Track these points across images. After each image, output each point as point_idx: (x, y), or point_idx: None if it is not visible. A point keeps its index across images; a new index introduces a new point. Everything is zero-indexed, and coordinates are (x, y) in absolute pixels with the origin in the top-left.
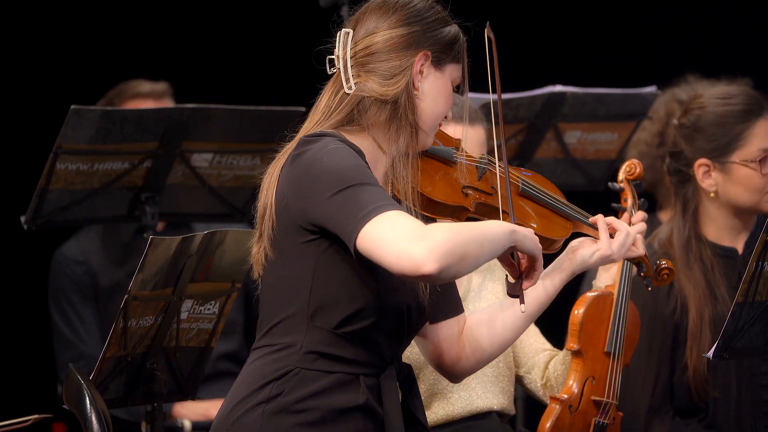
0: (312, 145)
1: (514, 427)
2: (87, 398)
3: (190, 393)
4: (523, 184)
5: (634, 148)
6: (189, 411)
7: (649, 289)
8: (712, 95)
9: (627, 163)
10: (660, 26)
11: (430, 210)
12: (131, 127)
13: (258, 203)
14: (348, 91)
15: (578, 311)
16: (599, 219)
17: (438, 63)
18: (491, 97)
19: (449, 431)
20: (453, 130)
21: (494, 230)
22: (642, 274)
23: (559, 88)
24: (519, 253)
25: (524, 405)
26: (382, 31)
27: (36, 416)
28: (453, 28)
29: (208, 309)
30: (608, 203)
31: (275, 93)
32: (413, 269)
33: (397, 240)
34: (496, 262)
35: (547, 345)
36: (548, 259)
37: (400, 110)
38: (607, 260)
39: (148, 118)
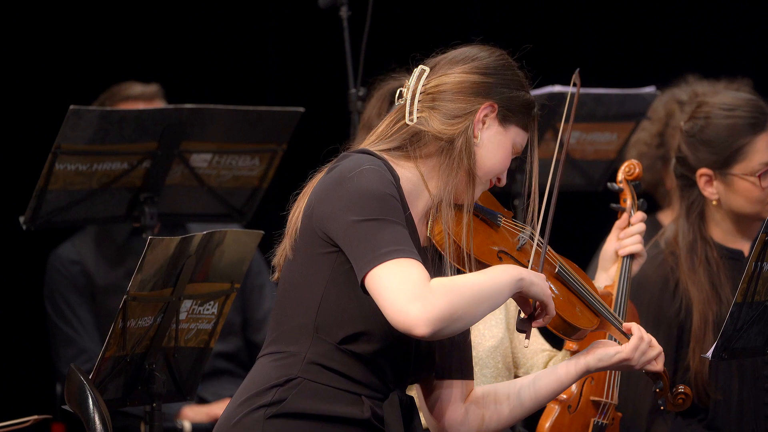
0: (348, 159)
1: (513, 428)
2: (89, 398)
3: (189, 393)
4: (560, 266)
5: (633, 148)
6: (196, 414)
7: (662, 408)
8: (718, 105)
9: (626, 164)
10: (659, 26)
11: (460, 262)
12: (130, 127)
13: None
14: (408, 122)
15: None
16: (633, 326)
17: (503, 119)
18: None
19: None
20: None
21: (499, 280)
22: (658, 390)
23: (557, 88)
24: None
25: None
26: (455, 73)
27: (35, 417)
28: (528, 95)
29: (207, 309)
30: (607, 203)
31: (274, 93)
32: (406, 328)
33: (398, 294)
34: None
35: (546, 345)
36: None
37: (455, 152)
38: (624, 366)
39: (147, 118)
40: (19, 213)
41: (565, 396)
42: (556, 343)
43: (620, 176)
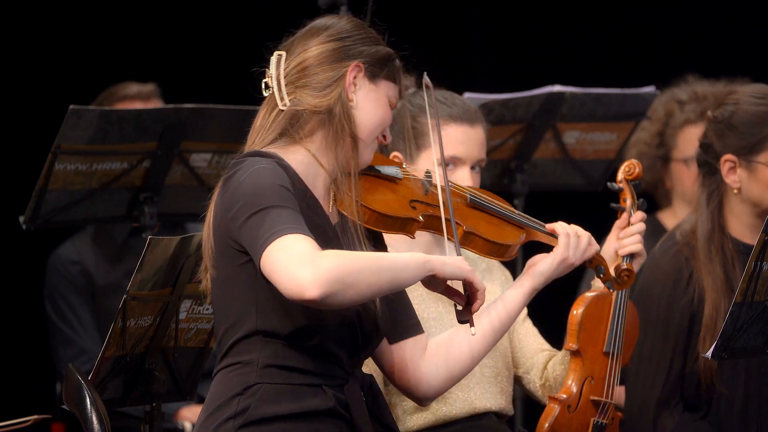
0: (239, 167)
1: (512, 428)
2: (87, 398)
3: (188, 393)
4: (471, 195)
5: (633, 148)
6: (194, 414)
7: (611, 291)
8: (748, 92)
9: (626, 163)
10: (659, 26)
11: (379, 225)
12: (130, 127)
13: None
14: (282, 108)
15: (577, 311)
16: (556, 226)
17: (372, 76)
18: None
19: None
20: (454, 130)
21: (402, 261)
22: (602, 276)
23: (557, 88)
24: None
25: (523, 405)
26: (313, 47)
27: (35, 417)
28: (386, 48)
29: (207, 309)
30: (607, 203)
31: None
32: (298, 293)
33: (287, 263)
34: (494, 262)
35: (546, 345)
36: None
37: (335, 120)
38: (564, 265)
39: (147, 118)
40: (19, 213)
41: (565, 396)
42: (555, 343)
43: (620, 176)
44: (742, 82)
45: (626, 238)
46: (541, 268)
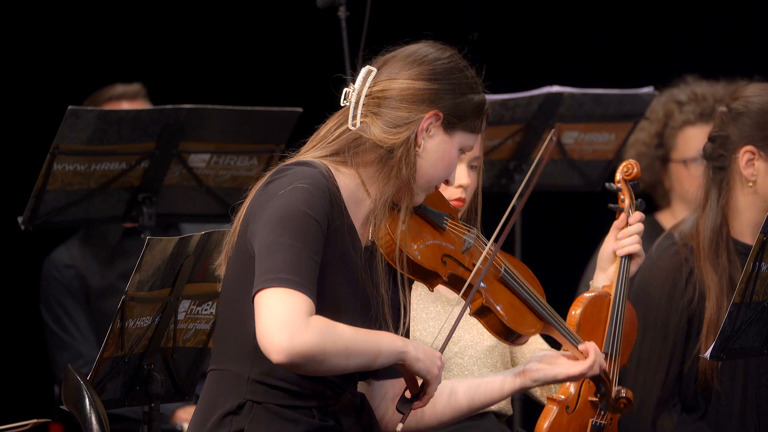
0: (284, 174)
1: (511, 428)
2: (86, 398)
3: (187, 393)
4: (505, 270)
5: (632, 148)
6: (190, 416)
7: (602, 413)
8: (766, 86)
9: (624, 164)
10: (658, 26)
11: (405, 268)
12: (128, 127)
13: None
14: (351, 127)
15: (575, 312)
16: (591, 348)
17: (449, 126)
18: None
19: (446, 431)
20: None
21: (380, 344)
22: (599, 395)
23: (556, 88)
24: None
25: (521, 405)
26: (401, 79)
27: (35, 420)
28: (478, 97)
29: (206, 309)
30: (605, 204)
31: (272, 93)
32: (266, 351)
33: (273, 318)
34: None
35: (545, 346)
36: None
37: (394, 161)
38: (562, 380)
39: (145, 118)
40: (17, 213)
41: (563, 396)
42: (554, 344)
43: (618, 176)
44: (742, 82)
45: (624, 238)
46: (539, 377)
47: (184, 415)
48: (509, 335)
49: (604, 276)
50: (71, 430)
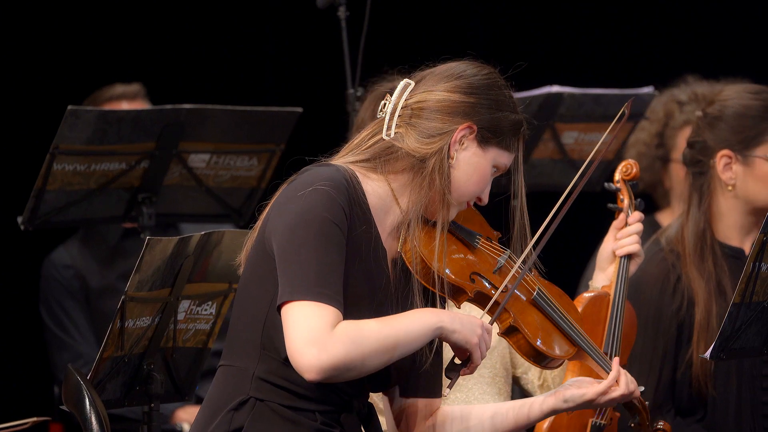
0: (307, 174)
1: None
2: (86, 398)
3: (187, 393)
4: (538, 292)
5: (632, 148)
6: (190, 416)
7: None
8: (741, 89)
9: (623, 164)
10: (658, 26)
11: (429, 281)
12: (128, 127)
13: None
14: (385, 137)
15: None
16: (623, 374)
17: (482, 141)
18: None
19: None
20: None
21: (413, 327)
22: (633, 425)
23: (556, 88)
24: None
25: None
26: (438, 91)
27: (34, 419)
28: (514, 116)
29: (205, 310)
30: (605, 204)
31: (272, 93)
32: (298, 370)
33: (300, 334)
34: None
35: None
36: None
37: (426, 171)
38: (593, 406)
39: (145, 118)
40: (17, 213)
41: None
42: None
43: (617, 176)
44: (742, 82)
45: (623, 238)
46: (570, 396)
47: (184, 415)
48: (539, 358)
49: (603, 276)
50: (71, 430)
